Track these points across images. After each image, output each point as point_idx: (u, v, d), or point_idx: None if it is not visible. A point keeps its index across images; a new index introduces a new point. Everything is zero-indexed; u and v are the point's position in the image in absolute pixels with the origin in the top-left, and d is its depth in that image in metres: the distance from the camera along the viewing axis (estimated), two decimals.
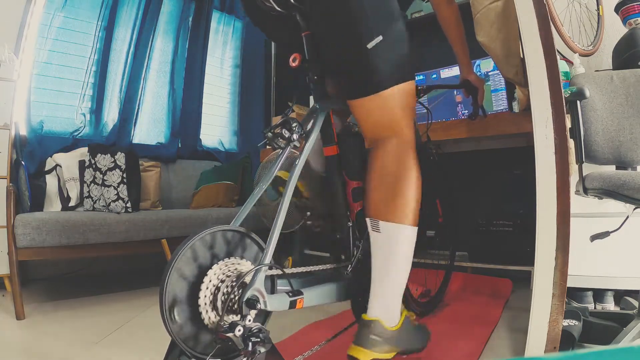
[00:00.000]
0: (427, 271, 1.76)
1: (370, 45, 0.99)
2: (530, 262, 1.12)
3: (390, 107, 1.05)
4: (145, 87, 2.93)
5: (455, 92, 2.29)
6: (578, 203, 1.22)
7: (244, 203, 0.98)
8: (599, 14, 1.92)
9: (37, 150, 2.34)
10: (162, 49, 3.05)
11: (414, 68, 1.11)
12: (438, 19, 1.41)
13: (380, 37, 1.00)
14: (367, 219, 1.06)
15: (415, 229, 1.04)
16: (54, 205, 2.28)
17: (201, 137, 3.25)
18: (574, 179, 1.22)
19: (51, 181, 2.31)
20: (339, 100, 1.19)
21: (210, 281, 0.82)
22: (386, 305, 1.03)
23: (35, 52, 2.43)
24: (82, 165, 2.35)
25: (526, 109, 1.74)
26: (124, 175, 2.33)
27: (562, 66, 1.60)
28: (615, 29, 1.88)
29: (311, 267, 1.10)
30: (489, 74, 2.21)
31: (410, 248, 1.04)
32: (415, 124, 1.18)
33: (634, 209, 1.11)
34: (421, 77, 2.44)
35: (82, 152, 2.40)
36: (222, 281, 0.84)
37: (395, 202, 1.02)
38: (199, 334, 0.82)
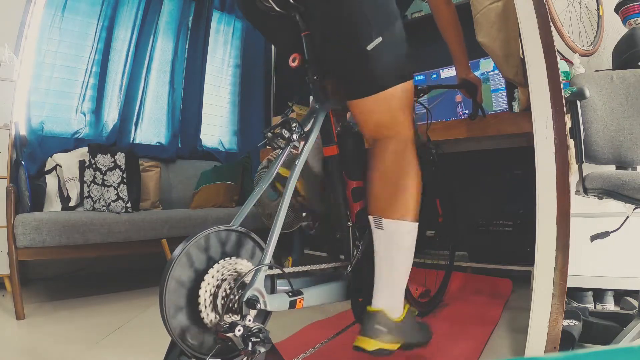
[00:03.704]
0: (427, 271, 1.76)
1: (370, 47, 0.99)
2: (530, 262, 1.12)
3: (390, 107, 1.06)
4: (145, 87, 2.93)
5: (455, 92, 2.29)
6: (578, 203, 1.22)
7: (244, 203, 0.98)
8: (599, 14, 1.92)
9: (37, 151, 2.34)
10: (162, 48, 3.05)
11: (412, 68, 1.12)
12: (436, 19, 1.41)
13: (380, 39, 1.00)
14: (370, 217, 1.08)
15: (416, 224, 1.07)
16: (54, 205, 2.28)
17: (201, 137, 3.25)
18: (574, 179, 1.22)
19: (51, 181, 2.31)
20: (338, 100, 1.19)
21: (210, 281, 0.82)
22: (390, 297, 1.05)
23: (35, 52, 2.43)
24: (82, 165, 2.35)
25: (526, 109, 1.74)
26: (124, 175, 2.33)
27: (562, 66, 1.60)
28: (615, 29, 1.88)
29: (311, 266, 1.10)
30: (489, 74, 2.21)
31: (411, 243, 1.07)
32: (414, 123, 1.18)
33: (634, 209, 1.11)
34: (421, 77, 2.44)
35: (82, 152, 2.40)
36: (222, 281, 0.84)
37: (397, 200, 1.04)
38: (199, 333, 0.82)
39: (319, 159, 1.30)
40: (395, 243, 1.05)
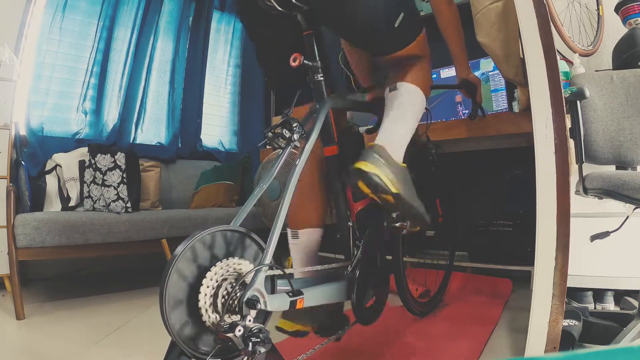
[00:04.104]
0: (427, 271, 1.76)
1: (397, 24, 1.14)
2: (530, 262, 1.12)
3: (416, 48, 1.24)
4: (145, 87, 2.93)
5: (455, 92, 2.29)
6: (578, 203, 1.22)
7: (244, 203, 0.97)
8: (599, 14, 1.92)
9: (37, 152, 2.34)
10: (162, 48, 3.05)
11: (421, 21, 1.28)
12: (437, 19, 1.41)
13: (402, 14, 1.14)
14: (387, 88, 1.23)
15: (425, 97, 1.24)
16: (54, 205, 2.28)
17: (201, 137, 3.25)
18: (574, 179, 1.22)
19: (51, 181, 2.31)
20: (339, 100, 1.19)
21: (210, 281, 0.82)
22: (391, 140, 1.10)
23: (35, 52, 2.43)
24: (82, 165, 2.35)
25: (526, 109, 1.74)
26: (124, 175, 2.33)
27: (562, 66, 1.60)
28: (615, 29, 1.88)
29: (311, 267, 1.10)
30: (489, 74, 2.21)
31: (420, 106, 1.22)
32: (427, 51, 1.32)
33: (634, 209, 1.11)
34: None
35: (82, 152, 2.40)
36: (223, 281, 0.84)
37: (412, 73, 1.23)
38: (199, 334, 0.82)
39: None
40: (406, 99, 1.19)
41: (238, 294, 0.82)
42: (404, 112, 1.17)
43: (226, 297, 0.82)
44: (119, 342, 1.47)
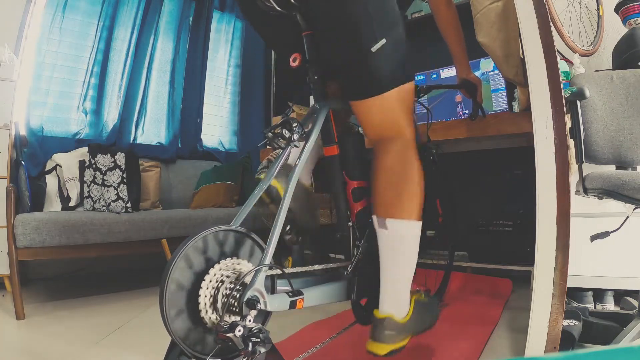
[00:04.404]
0: (427, 271, 1.76)
1: (374, 49, 1.00)
2: (530, 262, 1.12)
3: (393, 107, 1.07)
4: (145, 87, 2.93)
5: (455, 92, 2.29)
6: (578, 203, 1.22)
7: (244, 203, 0.98)
8: (599, 14, 1.92)
9: (37, 152, 2.34)
10: (162, 48, 3.05)
11: (413, 69, 1.14)
12: (436, 19, 1.41)
13: (384, 40, 1.01)
14: (374, 217, 1.08)
15: (420, 223, 1.08)
16: (54, 205, 2.28)
17: (201, 137, 3.25)
18: (574, 179, 1.22)
19: (51, 181, 2.31)
20: (339, 100, 1.19)
21: (210, 281, 0.82)
22: (396, 300, 1.07)
23: (35, 52, 2.43)
24: (82, 165, 2.35)
25: (526, 109, 1.74)
26: (124, 175, 2.33)
27: (562, 66, 1.60)
28: (615, 29, 1.88)
29: (311, 267, 1.10)
30: (489, 74, 2.21)
31: (416, 241, 1.08)
32: (415, 123, 1.18)
33: (634, 209, 1.11)
34: (421, 77, 2.44)
35: (82, 152, 2.40)
36: (223, 281, 0.84)
37: (401, 200, 1.05)
38: (199, 334, 0.82)
39: (308, 171, 1.30)
40: (400, 243, 1.06)
41: (238, 294, 0.82)
42: (402, 258, 1.06)
43: (226, 297, 0.82)
44: (119, 342, 1.47)
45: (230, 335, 0.76)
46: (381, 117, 1.08)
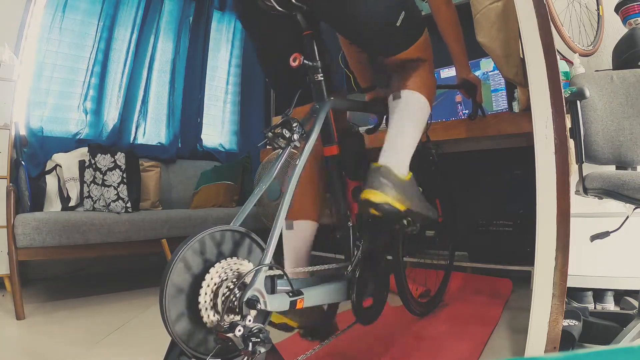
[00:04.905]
0: (427, 271, 1.76)
1: (399, 23, 1.14)
2: (530, 262, 1.11)
3: (415, 53, 1.24)
4: (145, 87, 2.93)
5: (455, 92, 2.29)
6: (578, 203, 1.22)
7: (244, 203, 0.98)
8: (599, 14, 1.92)
9: (37, 152, 2.34)
10: (162, 48, 3.05)
11: (424, 22, 1.28)
12: (436, 19, 1.41)
13: (403, 13, 1.14)
14: (391, 95, 1.22)
15: (429, 103, 1.23)
16: (54, 205, 2.28)
17: (201, 137, 3.25)
18: (574, 179, 1.22)
19: (51, 181, 2.31)
20: (339, 100, 1.19)
21: (210, 281, 0.82)
22: (396, 156, 1.10)
23: (35, 52, 2.43)
24: (82, 165, 2.36)
25: (526, 109, 1.74)
26: (124, 175, 2.33)
27: (562, 66, 1.60)
28: (615, 29, 1.88)
29: (311, 267, 1.10)
30: (489, 74, 2.21)
31: (424, 114, 1.22)
32: (431, 58, 1.32)
33: (634, 209, 1.11)
34: None
35: (82, 152, 2.40)
36: (223, 281, 0.84)
37: (416, 79, 1.22)
38: (199, 334, 0.82)
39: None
40: (409, 109, 1.19)
41: (238, 294, 0.82)
42: (409, 122, 1.17)
43: (226, 297, 0.82)
44: (119, 342, 1.47)
45: (230, 335, 0.76)
46: (408, 63, 1.26)
